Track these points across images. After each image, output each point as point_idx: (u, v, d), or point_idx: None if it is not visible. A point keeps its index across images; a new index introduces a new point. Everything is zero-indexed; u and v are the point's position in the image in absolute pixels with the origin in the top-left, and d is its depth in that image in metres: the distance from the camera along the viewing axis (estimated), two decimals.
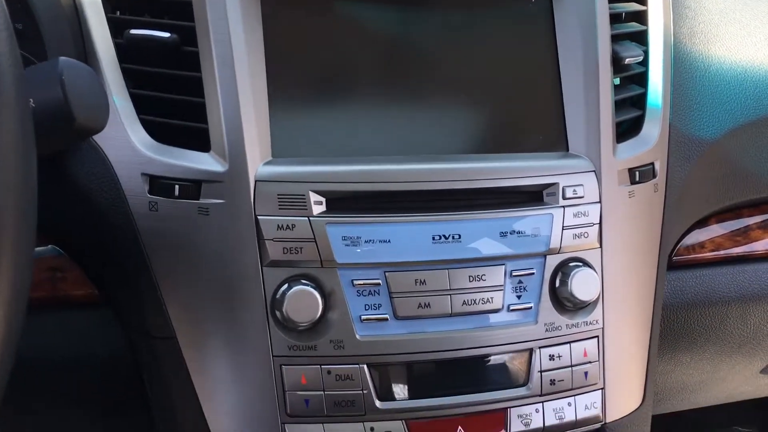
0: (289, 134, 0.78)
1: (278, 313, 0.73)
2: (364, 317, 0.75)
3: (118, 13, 0.80)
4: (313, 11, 0.80)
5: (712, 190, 0.98)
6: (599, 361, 0.82)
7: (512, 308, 0.78)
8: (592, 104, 0.84)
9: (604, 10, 0.85)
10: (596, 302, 0.82)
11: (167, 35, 0.76)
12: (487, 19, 0.85)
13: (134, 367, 0.82)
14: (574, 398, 0.81)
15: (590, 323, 0.82)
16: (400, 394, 0.76)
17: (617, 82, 0.89)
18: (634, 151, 0.87)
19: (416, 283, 0.76)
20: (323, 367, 0.74)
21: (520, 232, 0.79)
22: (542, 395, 0.80)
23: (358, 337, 0.75)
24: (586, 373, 0.82)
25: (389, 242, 0.75)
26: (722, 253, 1.02)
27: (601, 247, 0.82)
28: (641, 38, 0.93)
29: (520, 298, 0.79)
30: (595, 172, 0.82)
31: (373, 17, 0.82)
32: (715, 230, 1.02)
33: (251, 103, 0.75)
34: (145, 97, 0.78)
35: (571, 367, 0.81)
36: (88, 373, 0.84)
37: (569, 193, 0.81)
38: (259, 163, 0.75)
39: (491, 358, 0.78)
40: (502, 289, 0.78)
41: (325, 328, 0.74)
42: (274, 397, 0.74)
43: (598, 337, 0.82)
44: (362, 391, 0.75)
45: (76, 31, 0.79)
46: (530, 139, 0.85)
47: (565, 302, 0.80)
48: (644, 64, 0.92)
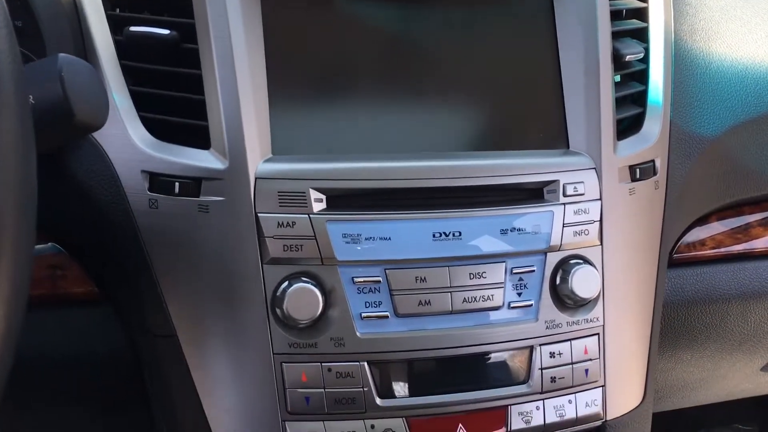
0: (289, 131, 0.77)
1: (278, 310, 0.73)
2: (364, 315, 0.75)
3: (117, 10, 0.80)
4: (313, 8, 0.80)
5: (712, 187, 0.98)
6: (600, 358, 0.82)
7: (513, 305, 0.78)
8: (592, 101, 0.83)
9: (604, 7, 0.85)
10: (597, 299, 0.82)
11: (167, 32, 0.76)
12: (487, 16, 0.85)
13: (134, 364, 0.82)
14: (574, 396, 0.81)
15: (591, 320, 0.81)
16: (400, 391, 0.76)
17: (618, 79, 0.89)
18: (634, 148, 0.87)
19: (417, 280, 0.76)
20: (324, 364, 0.74)
21: (520, 229, 0.79)
22: (543, 393, 0.80)
23: (358, 334, 0.74)
24: (586, 370, 0.82)
25: (390, 239, 0.75)
26: (723, 250, 1.02)
27: (601, 244, 0.82)
28: (642, 35, 0.93)
29: (520, 295, 0.79)
30: (595, 169, 0.82)
31: (373, 14, 0.82)
32: (715, 227, 1.02)
33: (251, 100, 0.75)
34: (144, 94, 0.77)
35: (571, 364, 0.81)
36: (88, 370, 0.84)
37: (570, 190, 0.81)
38: (259, 160, 0.75)
39: (492, 355, 0.78)
40: (502, 286, 0.78)
41: (325, 325, 0.74)
42: (274, 394, 0.74)
43: (598, 334, 0.82)
44: (363, 388, 0.75)
45: (75, 28, 0.78)
46: (531, 136, 0.85)
47: (565, 299, 0.80)
48: (645, 61, 0.91)
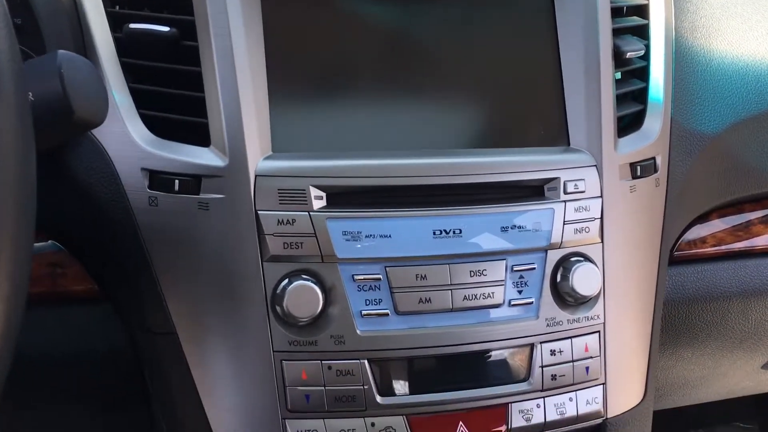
0: (289, 129, 0.77)
1: (279, 308, 0.73)
2: (364, 312, 0.75)
3: (117, 7, 0.80)
4: (313, 5, 0.80)
5: (713, 184, 0.98)
6: (600, 356, 0.82)
7: (513, 303, 0.78)
8: (593, 98, 0.83)
9: (605, 4, 0.85)
10: (597, 297, 0.81)
11: (167, 29, 0.76)
12: (487, 13, 0.84)
13: (134, 362, 0.82)
14: (575, 393, 0.81)
15: (591, 318, 0.81)
16: (400, 389, 0.76)
17: (618, 76, 0.89)
18: (635, 145, 0.86)
19: (417, 278, 0.75)
20: (324, 362, 0.74)
21: (521, 226, 0.78)
22: (543, 390, 0.80)
23: (358, 332, 0.74)
24: (587, 368, 0.81)
25: (390, 237, 0.75)
26: (723, 248, 1.02)
27: (602, 241, 0.82)
28: (643, 32, 0.92)
29: (521, 293, 0.79)
30: (596, 166, 0.82)
31: (374, 11, 0.82)
32: (716, 225, 1.02)
33: (251, 97, 0.74)
34: (144, 91, 0.77)
35: (572, 362, 0.81)
36: (88, 368, 0.83)
37: (570, 187, 0.81)
38: (259, 157, 0.74)
39: (492, 353, 0.78)
40: (503, 284, 0.78)
41: (325, 323, 0.74)
42: (274, 392, 0.74)
43: (599, 332, 0.82)
44: (363, 386, 0.75)
45: (75, 25, 0.78)
46: (531, 133, 0.84)
47: (566, 297, 0.80)
48: (646, 58, 0.91)
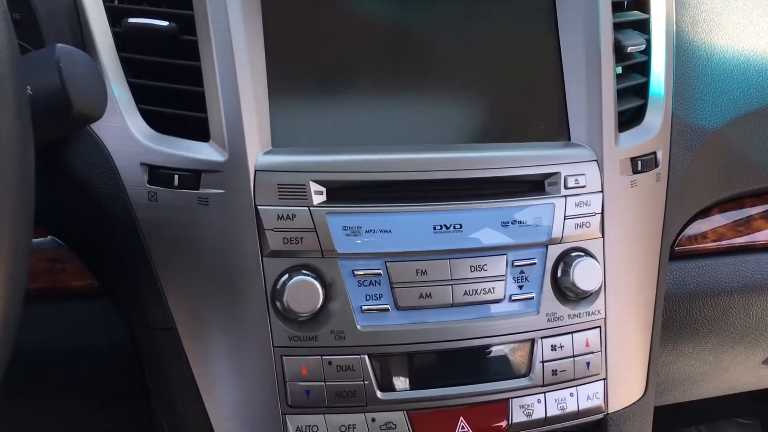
0: (289, 123, 0.77)
1: (279, 303, 0.73)
2: (365, 307, 0.74)
3: (116, 2, 0.79)
4: (313, 0, 0.79)
5: (714, 179, 0.98)
6: (601, 351, 0.82)
7: (514, 298, 0.78)
8: (594, 93, 0.83)
9: None
10: (598, 292, 0.81)
11: (166, 24, 0.76)
12: (487, 7, 0.84)
13: (134, 357, 0.82)
14: (576, 389, 0.81)
15: (592, 313, 0.81)
16: (401, 384, 0.76)
17: (619, 71, 0.88)
18: (636, 140, 0.86)
19: (417, 273, 0.75)
20: (324, 357, 0.74)
21: (521, 221, 0.78)
22: (544, 386, 0.79)
23: (358, 327, 0.74)
24: (588, 363, 0.81)
25: (390, 232, 0.75)
26: (724, 243, 1.01)
27: (603, 236, 0.82)
28: (643, 27, 0.92)
29: (521, 288, 0.78)
30: (597, 161, 0.82)
31: (374, 6, 0.81)
32: (717, 220, 1.02)
33: (251, 92, 0.74)
34: (143, 86, 0.77)
35: (573, 357, 0.80)
36: (87, 364, 0.83)
37: (571, 182, 0.80)
38: (258, 152, 0.74)
39: (493, 348, 0.78)
40: (503, 279, 0.78)
41: (325, 318, 0.74)
42: (274, 387, 0.74)
43: (600, 327, 0.82)
44: (363, 381, 0.74)
45: (74, 20, 0.78)
46: (532, 128, 0.84)
47: (567, 292, 0.80)
48: (646, 52, 0.91)
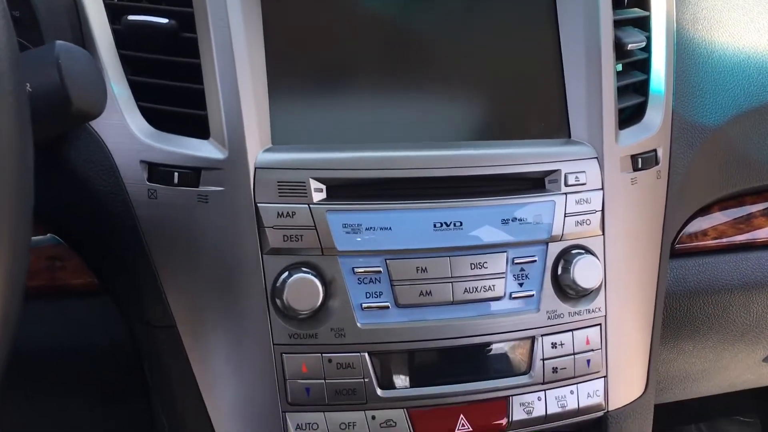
0: (289, 121, 0.77)
1: (279, 301, 0.73)
2: (365, 305, 0.74)
3: None
4: None
5: (714, 177, 0.98)
6: (602, 349, 0.82)
7: (514, 296, 0.78)
8: (594, 90, 0.83)
9: None
10: (599, 290, 0.81)
11: (165, 21, 0.76)
12: (488, 4, 0.84)
13: (134, 355, 0.82)
14: (576, 386, 0.81)
15: (593, 311, 0.81)
16: (401, 382, 0.76)
17: (620, 68, 0.88)
18: (636, 137, 0.86)
19: (417, 270, 0.75)
20: (324, 355, 0.74)
21: (521, 219, 0.78)
22: (544, 383, 0.79)
23: (359, 325, 0.74)
24: (588, 361, 0.81)
25: (390, 230, 0.75)
26: (725, 240, 1.01)
27: (603, 234, 0.82)
28: (644, 24, 0.92)
29: (522, 285, 0.78)
30: (597, 158, 0.82)
31: (374, 3, 0.81)
32: (717, 218, 1.02)
33: (251, 89, 0.74)
34: (143, 83, 0.77)
35: (573, 355, 0.80)
36: (87, 361, 0.83)
37: (571, 180, 0.80)
38: (258, 150, 0.74)
39: (493, 346, 0.78)
40: (503, 276, 0.77)
41: (325, 316, 0.74)
42: (274, 385, 0.74)
43: (600, 324, 0.82)
44: (363, 379, 0.74)
45: (73, 17, 0.78)
46: (532, 125, 0.84)
47: (567, 290, 0.80)
48: (647, 50, 0.91)
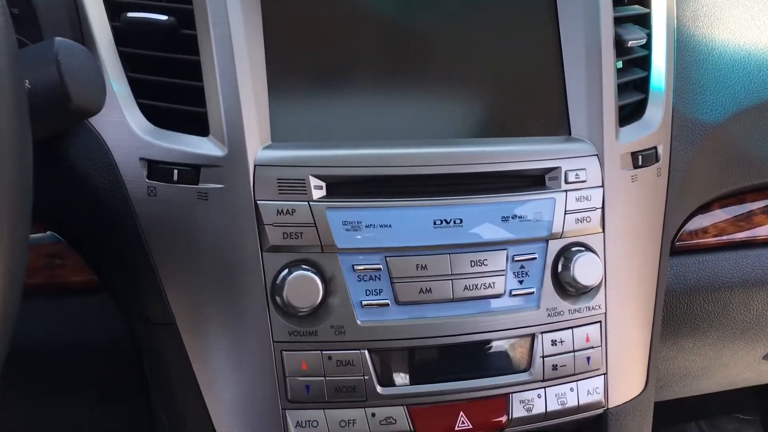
0: (288, 118, 0.77)
1: (278, 298, 0.73)
2: (365, 302, 0.74)
3: None
4: None
5: (715, 174, 0.98)
6: (602, 346, 0.82)
7: (514, 293, 0.78)
8: (594, 88, 0.83)
9: None
10: (599, 287, 0.81)
11: (165, 18, 0.75)
12: (488, 1, 0.84)
13: (134, 353, 0.82)
14: (576, 384, 0.81)
15: (593, 308, 0.81)
16: (401, 379, 0.76)
17: (620, 65, 0.88)
18: (636, 134, 0.86)
19: (417, 268, 0.75)
20: (324, 352, 0.74)
21: (522, 216, 0.78)
22: (544, 381, 0.79)
23: (358, 322, 0.74)
24: (588, 358, 0.81)
25: (390, 227, 0.75)
26: (725, 238, 1.01)
27: (603, 231, 0.82)
28: (644, 21, 0.92)
29: (522, 283, 0.78)
30: (597, 156, 0.82)
31: (373, 0, 0.81)
32: (718, 215, 1.01)
33: (250, 86, 0.74)
34: (142, 80, 0.77)
35: (573, 352, 0.80)
36: (87, 359, 0.83)
37: (571, 177, 0.80)
38: (258, 147, 0.74)
39: (493, 343, 0.78)
40: (503, 274, 0.77)
41: (325, 313, 0.74)
42: (274, 383, 0.74)
43: (600, 322, 0.82)
44: (363, 376, 0.74)
45: (72, 15, 0.78)
46: (532, 123, 0.84)
47: (567, 287, 0.80)
48: (647, 47, 0.90)
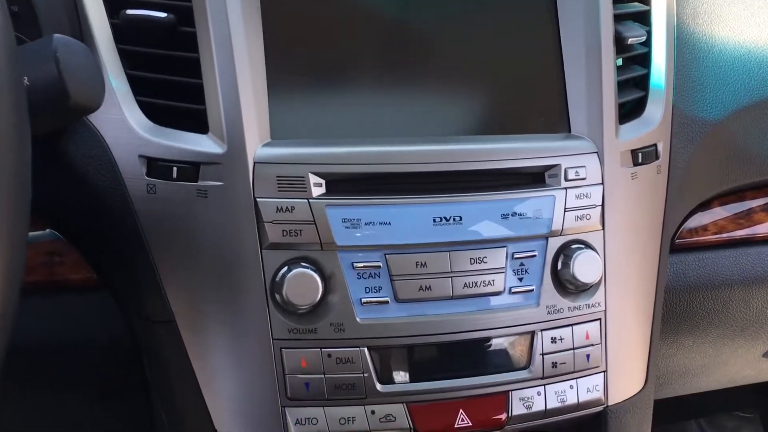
0: (288, 115, 0.77)
1: (278, 296, 0.73)
2: (364, 300, 0.74)
3: None
4: None
5: (715, 172, 0.98)
6: (601, 343, 0.82)
7: (514, 291, 0.78)
8: (594, 85, 0.83)
9: None
10: (598, 285, 0.81)
11: (164, 15, 0.75)
12: None
13: (133, 350, 0.82)
14: (576, 381, 0.81)
15: (592, 306, 0.81)
16: (400, 377, 0.76)
17: (620, 62, 0.88)
18: (636, 132, 0.86)
19: (417, 265, 0.75)
20: (323, 350, 0.74)
21: (521, 214, 0.78)
22: (544, 378, 0.79)
23: (358, 320, 0.74)
24: (588, 355, 0.81)
25: (390, 224, 0.75)
26: (725, 235, 1.01)
27: (603, 229, 0.81)
28: (644, 18, 0.91)
29: (521, 280, 0.78)
30: (597, 153, 0.82)
31: None
32: (717, 213, 1.01)
33: (249, 83, 0.74)
34: (142, 78, 0.76)
35: (573, 349, 0.80)
36: (86, 357, 0.83)
37: (571, 174, 0.80)
38: (257, 144, 0.74)
39: (492, 340, 0.78)
40: (503, 271, 0.77)
41: (325, 311, 0.74)
42: (274, 380, 0.74)
43: (600, 319, 0.82)
44: (363, 374, 0.74)
45: (72, 12, 0.78)
46: (532, 120, 0.84)
47: (567, 285, 0.79)
48: (647, 44, 0.90)
